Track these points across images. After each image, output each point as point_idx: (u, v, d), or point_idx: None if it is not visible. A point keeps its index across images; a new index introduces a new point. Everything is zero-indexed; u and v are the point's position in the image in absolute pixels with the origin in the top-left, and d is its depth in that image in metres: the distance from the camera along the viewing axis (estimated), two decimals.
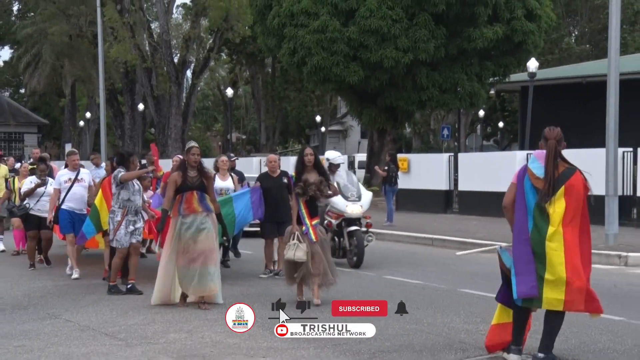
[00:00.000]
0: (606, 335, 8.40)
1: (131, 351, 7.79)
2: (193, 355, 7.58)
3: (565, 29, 59.87)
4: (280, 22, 30.01)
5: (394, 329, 8.63)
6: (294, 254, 9.90)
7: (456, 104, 33.71)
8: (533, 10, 30.07)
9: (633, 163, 20.43)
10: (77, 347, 7.96)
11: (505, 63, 31.34)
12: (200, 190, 9.89)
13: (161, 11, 47.24)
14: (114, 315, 9.66)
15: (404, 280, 12.56)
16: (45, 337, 8.46)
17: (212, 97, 79.80)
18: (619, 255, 14.81)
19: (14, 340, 8.30)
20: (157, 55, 46.53)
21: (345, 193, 13.62)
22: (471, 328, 8.69)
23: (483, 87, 31.95)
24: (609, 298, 10.55)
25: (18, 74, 65.41)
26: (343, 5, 28.59)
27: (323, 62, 29.04)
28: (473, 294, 11.30)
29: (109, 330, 8.80)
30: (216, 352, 7.72)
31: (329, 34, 28.65)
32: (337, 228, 13.72)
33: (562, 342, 8.05)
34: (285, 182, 12.78)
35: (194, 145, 10.10)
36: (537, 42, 31.06)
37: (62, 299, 10.94)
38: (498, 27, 29.08)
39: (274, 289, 11.29)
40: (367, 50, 28.61)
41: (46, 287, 12.00)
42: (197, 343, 8.11)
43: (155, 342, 8.19)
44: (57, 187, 12.85)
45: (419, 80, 29.66)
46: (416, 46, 28.44)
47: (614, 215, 16.26)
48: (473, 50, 29.48)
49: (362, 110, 32.76)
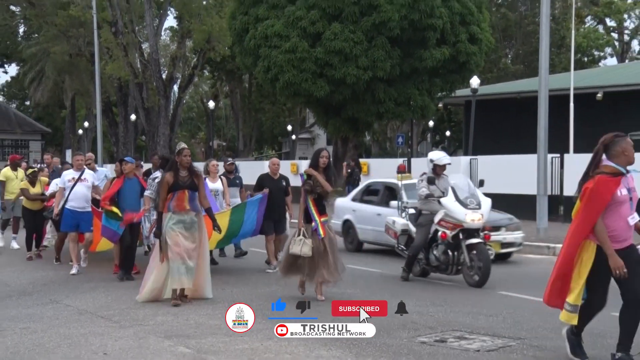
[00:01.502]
0: (537, 315, 8.48)
1: (124, 332, 7.76)
2: (179, 335, 7.56)
3: (502, 51, 60.31)
4: (256, 43, 29.94)
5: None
6: (300, 249, 9.24)
7: (409, 115, 33.90)
8: (475, 34, 30.27)
9: (560, 167, 20.65)
10: (76, 329, 7.91)
11: (452, 80, 31.48)
12: (191, 189, 9.34)
13: (151, 33, 47.05)
14: (108, 300, 9.62)
15: (364, 269, 12.59)
16: (47, 320, 8.40)
17: (196, 108, 79.40)
18: (548, 246, 15.03)
19: (19, 323, 8.24)
20: (147, 72, 46.35)
21: (462, 200, 10.72)
22: (422, 310, 8.75)
23: (432, 101, 32.08)
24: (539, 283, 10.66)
25: (24, 88, 64.86)
26: (311, 29, 28.60)
27: (293, 79, 29.02)
28: (424, 280, 11.38)
29: (105, 313, 8.76)
30: (199, 332, 7.70)
31: (298, 54, 28.64)
32: (452, 240, 10.69)
33: (500, 322, 8.13)
34: (284, 184, 12.52)
35: (184, 147, 9.58)
36: (478, 62, 31.26)
37: (63, 286, 10.88)
38: (445, 49, 29.23)
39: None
40: (332, 68, 28.64)
41: (49, 276, 11.92)
42: (182, 324, 8.09)
43: (145, 323, 8.16)
44: (61, 186, 12.22)
45: (377, 94, 29.73)
46: (375, 65, 28.51)
47: (544, 212, 16.47)
48: (424, 69, 29.60)
49: (328, 121, 32.77)
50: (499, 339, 7.34)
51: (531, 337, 7.39)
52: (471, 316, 8.39)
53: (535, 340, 7.25)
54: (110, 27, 44.06)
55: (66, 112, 63.02)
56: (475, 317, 8.34)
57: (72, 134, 61.59)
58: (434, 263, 10.95)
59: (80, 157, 12.77)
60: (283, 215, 12.40)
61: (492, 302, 9.42)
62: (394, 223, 12.02)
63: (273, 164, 12.69)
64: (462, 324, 8.00)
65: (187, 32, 46.48)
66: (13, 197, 15.61)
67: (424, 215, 11.06)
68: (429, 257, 11.01)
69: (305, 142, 71.43)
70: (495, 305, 9.22)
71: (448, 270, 10.85)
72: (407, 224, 11.70)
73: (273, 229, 12.21)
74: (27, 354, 6.85)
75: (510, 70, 56.82)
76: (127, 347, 7.04)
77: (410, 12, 27.97)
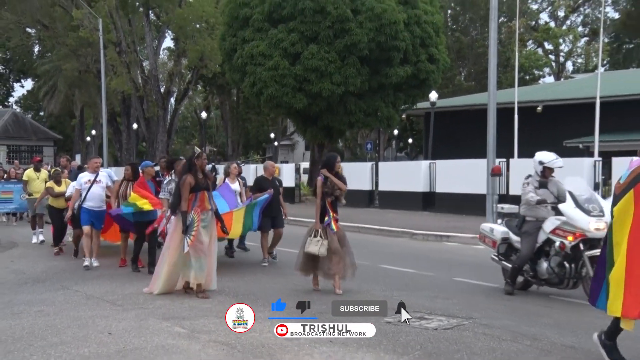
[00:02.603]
0: (487, 298, 8.55)
1: (127, 314, 7.70)
2: (175, 317, 7.52)
3: (457, 69, 60.67)
4: (243, 61, 29.88)
5: (329, 298, 8.66)
6: (318, 249, 8.68)
7: (376, 125, 34.05)
8: (433, 55, 30.43)
9: (506, 170, 20.78)
10: (84, 312, 7.85)
11: (413, 94, 31.62)
12: (207, 190, 8.92)
13: (151, 53, 46.88)
14: (113, 286, 9.54)
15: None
16: (59, 304, 8.33)
17: (190, 118, 79.04)
18: None
19: (34, 306, 8.16)
20: (147, 86, 46.19)
21: (583, 206, 8.40)
22: (387, 294, 8.75)
23: (397, 112, 32.20)
24: (488, 271, 10.73)
25: (38, 100, 64.40)
26: (291, 50, 28.58)
27: (276, 93, 29.00)
28: (390, 268, 11.40)
29: (110, 298, 8.70)
30: (193, 314, 7.67)
31: (280, 71, 28.63)
32: (570, 251, 8.40)
33: (454, 304, 8.16)
34: (278, 185, 12.03)
35: (202, 152, 9.09)
36: (436, 79, 31.43)
37: (73, 274, 10.79)
38: (407, 67, 29.35)
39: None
40: (309, 84, 28.64)
41: (60, 265, 11.81)
42: (178, 307, 8.05)
43: (145, 307, 8.11)
44: (77, 188, 11.63)
45: (349, 106, 29.79)
46: (346, 81, 28.57)
47: (492, 209, 16.54)
48: (389, 84, 29.69)
49: (306, 129, 32.76)
50: (454, 319, 7.37)
51: (481, 317, 7.43)
52: (430, 299, 8.43)
53: (484, 320, 7.29)
54: (115, 47, 43.88)
55: (76, 122, 62.75)
56: (434, 300, 8.38)
57: (81, 141, 61.41)
58: (543, 276, 8.72)
59: (96, 160, 12.09)
60: (279, 212, 11.93)
61: (448, 287, 9.47)
62: (491, 231, 9.83)
63: (270, 167, 12.18)
64: (422, 306, 8.03)
65: (183, 52, 46.38)
66: (37, 195, 15.18)
67: (529, 223, 8.93)
68: (535, 269, 8.84)
69: (286, 148, 71.53)
70: (450, 289, 9.26)
71: (563, 284, 8.61)
72: (507, 232, 9.48)
73: (270, 226, 11.72)
74: (41, 334, 6.79)
75: (463, 86, 57.21)
76: (129, 328, 7.00)
77: (377, 35, 28.06)
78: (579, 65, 63.35)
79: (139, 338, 6.58)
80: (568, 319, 7.37)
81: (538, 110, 33.25)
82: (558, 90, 39.37)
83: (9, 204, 19.19)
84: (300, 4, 28.13)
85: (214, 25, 42.18)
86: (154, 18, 48.67)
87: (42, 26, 49.81)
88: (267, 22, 29.31)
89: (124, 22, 44.49)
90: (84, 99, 55.74)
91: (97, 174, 11.67)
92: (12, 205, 19.09)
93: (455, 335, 6.63)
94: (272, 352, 5.96)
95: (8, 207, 19.37)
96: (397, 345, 6.10)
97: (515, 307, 7.97)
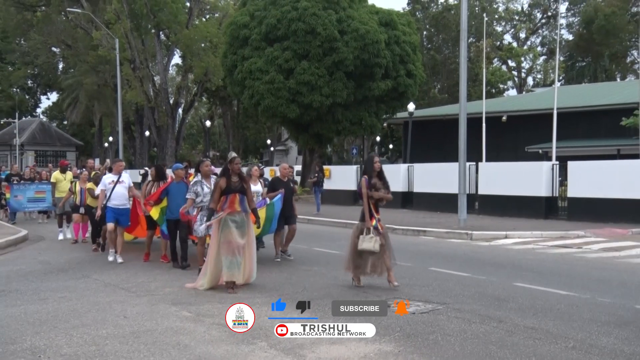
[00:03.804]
0: (458, 286, 8.54)
1: (140, 300, 7.66)
2: (182, 302, 7.48)
3: (432, 83, 60.85)
4: (243, 76, 29.87)
5: (318, 284, 8.64)
6: (373, 245, 8.05)
7: (361, 132, 34.13)
8: (411, 71, 30.53)
9: (475, 172, 20.82)
10: (102, 297, 7.80)
11: (394, 105, 31.71)
12: (241, 193, 8.28)
13: (161, 69, 46.78)
14: (128, 275, 9.49)
15: (326, 251, 12.54)
16: (80, 291, 8.27)
17: (195, 126, 78.85)
18: (467, 232, 15.08)
19: (58, 293, 8.11)
20: (158, 98, 46.09)
21: None
22: (371, 283, 8.70)
23: (379, 121, 32.28)
24: (460, 262, 10.74)
25: (62, 110, 64.18)
26: (285, 66, 28.59)
27: (272, 104, 29.00)
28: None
29: (125, 285, 8.65)
30: (198, 300, 7.63)
31: (275, 85, 28.64)
32: None
33: (430, 291, 8.15)
34: (291, 185, 11.33)
35: (235, 156, 8.43)
36: (413, 92, 31.53)
37: (92, 264, 10.72)
38: (388, 81, 29.43)
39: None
40: (301, 96, 28.65)
41: (81, 257, 11.74)
42: (185, 294, 8.01)
43: (156, 294, 8.06)
44: (103, 188, 11.16)
45: (336, 116, 29.83)
46: (334, 93, 28.60)
47: (463, 206, 16.56)
48: (372, 96, 29.75)
49: (298, 136, 32.79)
50: (430, 304, 7.36)
51: (454, 302, 7.42)
52: (408, 287, 8.41)
53: (457, 305, 7.29)
54: (129, 64, 43.80)
55: (95, 130, 62.73)
56: (412, 288, 8.37)
57: (99, 146, 61.30)
58: None
59: (120, 163, 11.57)
60: (293, 210, 11.21)
61: (425, 276, 9.45)
62: None
63: (285, 169, 11.40)
64: (402, 292, 8.01)
65: (189, 68, 46.38)
66: (63, 195, 14.98)
67: None
68: None
69: (280, 153, 71.42)
70: (427, 278, 9.25)
71: None
72: None
73: (283, 224, 11.02)
74: (64, 317, 6.74)
75: (437, 98, 57.41)
76: (142, 312, 6.96)
77: (362, 53, 28.11)
78: (539, 80, 63.70)
79: (151, 321, 6.55)
80: (530, 303, 7.38)
81: (503, 119, 33.40)
82: (520, 102, 39.54)
83: (42, 202, 19.07)
84: (293, 25, 28.13)
85: (217, 44, 42.16)
86: (164, 38, 48.57)
87: (66, 46, 49.70)
88: (264, 42, 29.31)
89: (137, 42, 44.36)
90: (103, 109, 55.62)
91: (120, 175, 11.25)
92: (45, 204, 18.91)
93: (431, 319, 6.63)
94: (268, 333, 5.94)
95: (41, 205, 19.24)
96: (379, 327, 6.09)
97: (484, 294, 7.97)
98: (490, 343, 5.70)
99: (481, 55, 39.98)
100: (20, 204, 19.23)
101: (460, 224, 16.31)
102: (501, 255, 11.88)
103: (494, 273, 9.62)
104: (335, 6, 28.70)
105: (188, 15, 45.18)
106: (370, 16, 29.46)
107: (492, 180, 20.04)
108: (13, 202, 19.13)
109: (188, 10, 45.69)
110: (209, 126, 51.36)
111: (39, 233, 16.21)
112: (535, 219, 18.12)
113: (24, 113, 67.74)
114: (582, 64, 61.01)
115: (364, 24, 28.38)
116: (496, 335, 5.99)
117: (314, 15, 28.05)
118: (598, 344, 5.70)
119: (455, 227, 16.01)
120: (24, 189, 19.25)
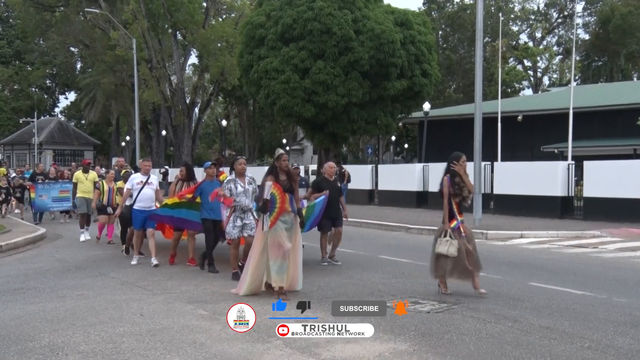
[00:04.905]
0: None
1: (156, 298, 7.70)
2: (198, 300, 7.51)
3: (447, 83, 60.57)
4: (259, 76, 29.88)
5: (335, 283, 8.63)
6: (447, 249, 7.51)
7: (376, 132, 34.00)
8: (426, 70, 30.37)
9: (491, 172, 20.72)
10: (119, 295, 7.85)
11: (409, 105, 31.56)
12: (289, 192, 7.70)
13: (177, 69, 46.94)
14: (144, 273, 9.55)
15: (341, 250, 12.52)
16: (97, 289, 8.34)
17: (212, 126, 79.16)
18: (482, 232, 15.02)
19: (76, 290, 8.18)
20: (174, 98, 46.24)
21: None
22: (386, 281, 8.72)
23: (394, 120, 32.14)
24: None
25: (80, 110, 64.71)
26: (301, 66, 28.57)
27: (287, 103, 28.99)
28: (388, 259, 11.33)
29: (141, 284, 8.70)
30: (214, 298, 7.65)
31: (291, 84, 28.62)
32: None
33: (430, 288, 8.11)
34: (339, 185, 10.70)
35: (283, 153, 7.89)
36: (429, 92, 31.38)
37: (109, 262, 10.80)
38: (404, 81, 29.30)
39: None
40: (317, 95, 28.62)
41: (98, 255, 11.82)
42: (201, 292, 8.04)
43: (172, 292, 8.10)
44: (129, 188, 10.67)
45: (352, 115, 29.75)
46: (350, 93, 28.53)
47: (479, 206, 16.49)
48: (387, 96, 29.64)
49: (314, 136, 32.74)
50: (445, 303, 7.33)
51: (468, 302, 7.39)
52: (424, 286, 8.39)
53: (472, 304, 7.25)
54: (146, 64, 44.01)
55: (112, 129, 63.09)
56: (427, 287, 8.33)
57: (116, 146, 61.65)
58: None
59: (147, 162, 10.93)
60: (339, 212, 10.58)
61: None
62: None
63: (330, 168, 10.65)
64: (417, 292, 7.99)
65: (206, 68, 46.48)
66: (87, 195, 14.66)
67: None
68: None
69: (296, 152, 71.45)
70: None
71: None
72: None
73: (330, 226, 10.43)
74: (82, 314, 6.79)
75: (453, 98, 57.10)
76: (158, 310, 6.99)
77: (377, 52, 28.02)
78: (554, 79, 63.16)
79: (167, 319, 6.58)
80: (545, 303, 7.32)
81: (518, 119, 33.16)
82: (536, 101, 39.23)
83: (66, 202, 18.77)
84: (309, 25, 28.11)
85: (233, 44, 42.23)
86: (181, 38, 48.75)
87: (84, 46, 50.07)
88: (280, 42, 29.31)
89: (154, 42, 44.57)
90: (120, 108, 56.01)
91: (149, 176, 10.69)
92: (69, 204, 18.59)
93: (446, 318, 6.60)
94: None
95: (65, 205, 18.98)
96: (394, 327, 6.07)
97: (499, 293, 7.92)
98: (505, 343, 5.66)
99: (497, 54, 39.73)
100: (45, 204, 19.00)
101: (475, 224, 16.23)
102: (516, 255, 11.82)
103: (509, 272, 9.56)
104: (350, 6, 28.64)
105: (204, 15, 45.32)
106: (386, 16, 29.37)
107: (508, 179, 19.92)
108: (38, 201, 18.89)
109: (204, 10, 45.83)
110: (225, 125, 51.60)
111: (57, 231, 16.35)
112: (551, 219, 17.99)
113: (43, 112, 68.41)
114: (598, 64, 60.43)
115: (379, 23, 28.29)
116: (511, 334, 5.95)
117: (330, 15, 28.01)
118: (614, 344, 5.65)
119: (470, 226, 15.83)
120: (48, 188, 19.04)
